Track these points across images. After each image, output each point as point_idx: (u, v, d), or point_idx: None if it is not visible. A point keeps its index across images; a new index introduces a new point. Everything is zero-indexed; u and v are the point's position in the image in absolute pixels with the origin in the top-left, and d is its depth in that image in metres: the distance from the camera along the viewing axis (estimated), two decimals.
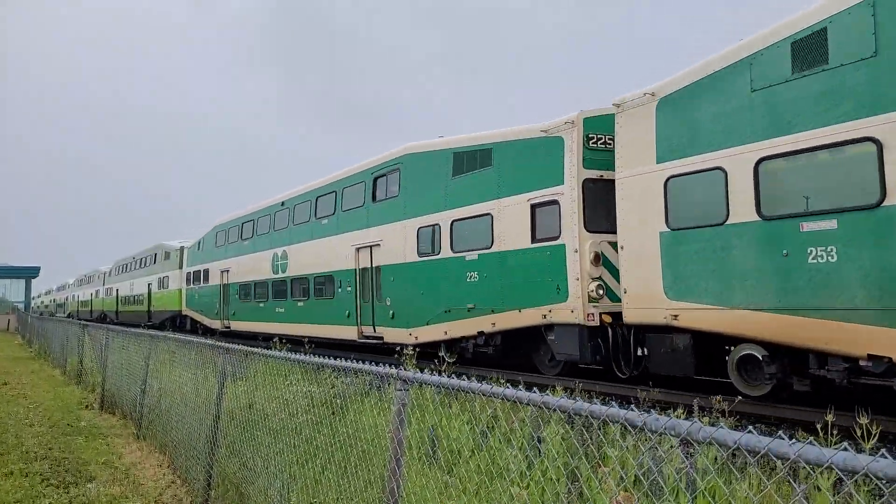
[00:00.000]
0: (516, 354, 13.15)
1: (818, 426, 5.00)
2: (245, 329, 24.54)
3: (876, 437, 4.35)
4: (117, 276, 48.52)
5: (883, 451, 1.75)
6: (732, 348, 9.01)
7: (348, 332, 17.60)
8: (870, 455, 1.70)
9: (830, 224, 7.51)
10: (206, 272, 29.45)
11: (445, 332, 13.60)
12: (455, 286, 13.21)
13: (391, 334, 15.50)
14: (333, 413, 5.75)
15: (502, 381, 6.85)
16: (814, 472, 1.87)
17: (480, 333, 12.80)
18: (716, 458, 4.68)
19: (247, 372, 6.79)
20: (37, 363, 21.37)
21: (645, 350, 10.13)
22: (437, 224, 14.01)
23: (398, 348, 12.10)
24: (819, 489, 3.87)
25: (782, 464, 1.91)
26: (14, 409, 11.54)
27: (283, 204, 22.24)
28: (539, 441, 5.37)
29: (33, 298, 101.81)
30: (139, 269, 41.48)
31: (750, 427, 2.09)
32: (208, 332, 28.34)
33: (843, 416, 7.67)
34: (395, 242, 15.49)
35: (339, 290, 17.98)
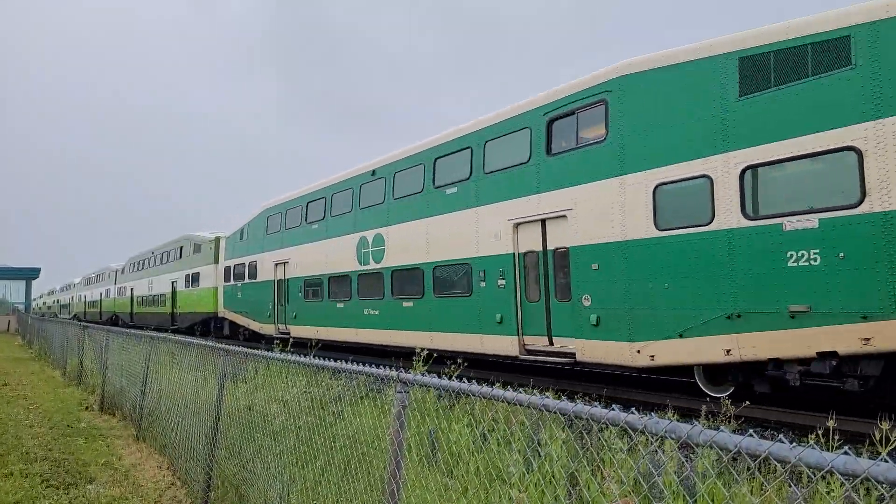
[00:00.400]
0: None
1: (819, 430, 5.00)
2: (313, 335, 18.86)
3: (894, 444, 4.32)
4: (132, 273, 43.62)
5: (883, 454, 1.75)
6: None
7: (500, 345, 12.22)
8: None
9: None
10: (254, 266, 24.05)
11: (728, 351, 8.70)
12: (755, 275, 8.42)
13: (592, 349, 10.45)
14: (334, 415, 5.74)
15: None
16: (814, 475, 1.86)
17: (826, 355, 7.95)
18: (716, 461, 4.68)
19: (247, 373, 6.80)
20: (37, 364, 21.37)
21: None
22: (704, 176, 9.00)
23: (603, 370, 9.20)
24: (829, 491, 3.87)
25: (783, 467, 1.91)
26: (14, 410, 11.54)
27: (373, 173, 16.94)
28: (539, 444, 5.37)
29: (35, 299, 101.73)
30: (160, 265, 36.58)
31: (750, 430, 2.09)
32: (256, 337, 24.34)
33: (856, 421, 7.69)
34: (601, 211, 10.41)
35: (483, 284, 12.68)
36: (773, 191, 8.43)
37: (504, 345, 12.18)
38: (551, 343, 11.23)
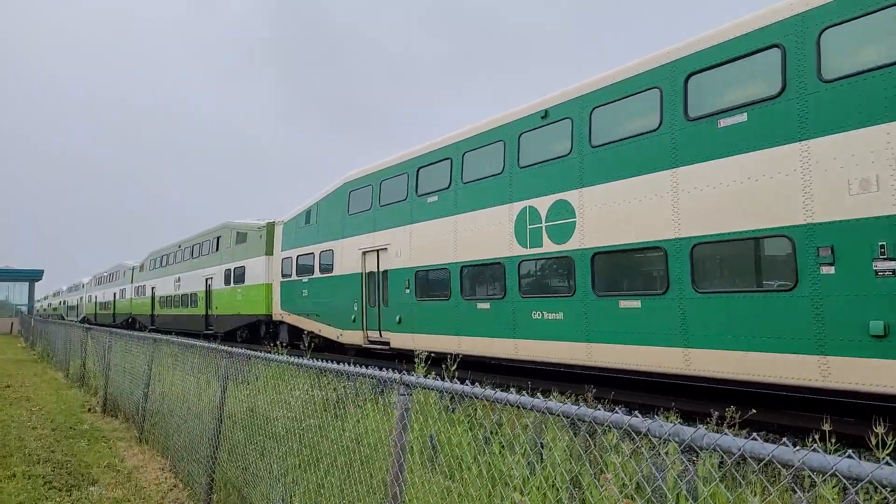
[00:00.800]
0: None
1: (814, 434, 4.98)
2: (432, 347, 13.55)
3: (891, 448, 4.32)
4: (153, 270, 38.70)
5: (887, 457, 1.75)
6: None
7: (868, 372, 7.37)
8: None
9: None
10: (329, 256, 18.96)
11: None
12: None
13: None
14: (336, 417, 5.74)
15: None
16: (817, 479, 1.86)
17: None
18: (719, 464, 4.67)
19: (249, 376, 6.81)
20: (39, 366, 21.40)
21: None
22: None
23: None
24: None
25: (786, 471, 1.91)
26: (17, 411, 11.56)
27: (545, 115, 11.72)
28: (542, 447, 5.37)
29: (38, 300, 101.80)
30: (190, 259, 31.70)
31: (754, 434, 2.09)
32: (331, 347, 19.51)
33: (855, 424, 7.69)
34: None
35: (821, 274, 7.66)
36: None
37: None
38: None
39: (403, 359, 14.33)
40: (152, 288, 38.45)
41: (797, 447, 1.88)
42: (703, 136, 9.07)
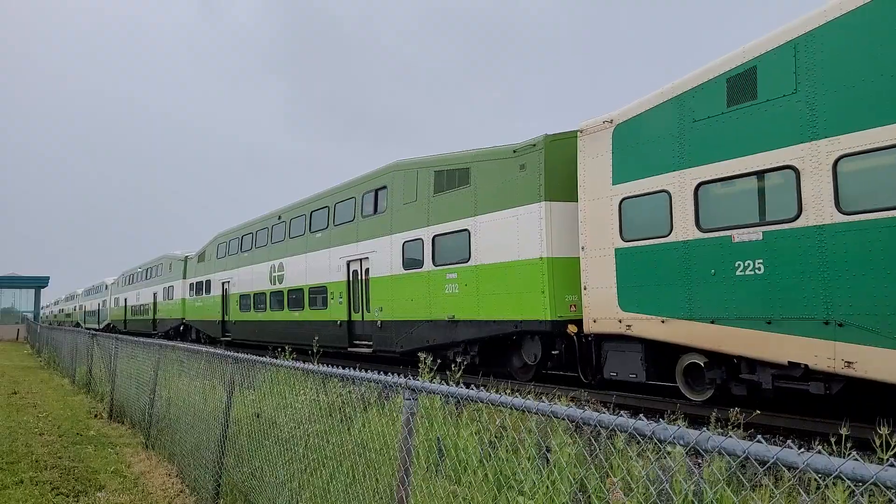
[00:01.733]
0: None
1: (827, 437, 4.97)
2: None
3: (894, 449, 4.30)
4: (214, 262, 30.18)
5: (891, 459, 1.76)
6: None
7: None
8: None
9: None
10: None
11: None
12: None
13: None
14: (342, 422, 5.76)
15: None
16: (822, 482, 1.87)
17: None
18: (727, 467, 4.66)
19: (254, 381, 6.83)
20: (46, 372, 21.47)
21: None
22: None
23: None
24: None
25: (791, 473, 1.92)
26: (24, 417, 11.60)
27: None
28: (548, 451, 5.37)
29: (49, 306, 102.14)
30: (287, 239, 22.53)
31: (759, 436, 2.10)
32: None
33: (859, 426, 7.66)
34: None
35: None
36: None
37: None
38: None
39: (409, 364, 15.09)
40: (223, 283, 28.85)
41: (801, 450, 1.88)
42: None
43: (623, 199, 10.81)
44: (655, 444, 2.39)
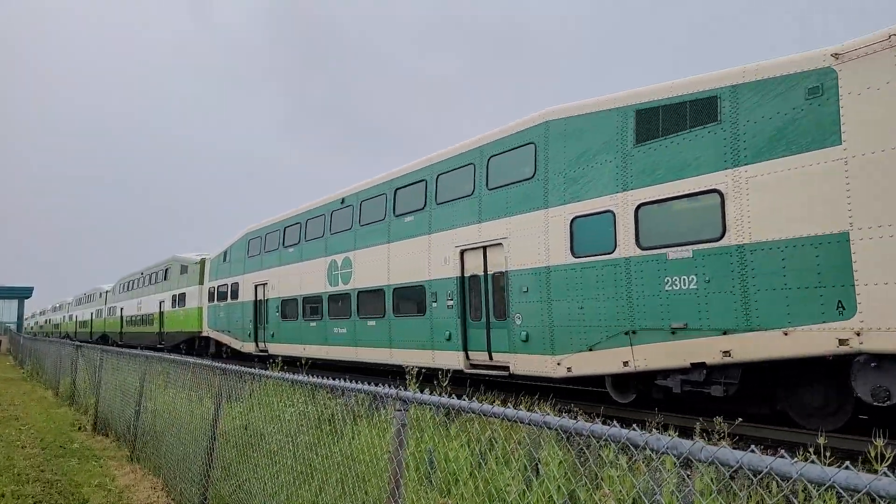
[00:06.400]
0: None
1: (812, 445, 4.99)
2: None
3: (889, 461, 4.32)
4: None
5: (884, 469, 1.77)
6: None
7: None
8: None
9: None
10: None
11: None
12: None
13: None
14: (331, 433, 5.72)
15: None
16: (815, 491, 1.88)
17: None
18: (714, 478, 4.67)
19: (242, 393, 6.77)
20: (29, 384, 21.17)
21: None
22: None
23: None
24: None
25: (785, 483, 1.92)
26: (6, 430, 11.42)
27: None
28: (538, 462, 5.35)
29: (34, 316, 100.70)
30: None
31: (752, 446, 2.10)
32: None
33: (851, 440, 7.72)
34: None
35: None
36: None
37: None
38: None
39: (396, 375, 15.03)
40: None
41: (794, 460, 1.89)
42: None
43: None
44: (647, 454, 2.39)
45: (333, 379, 4.71)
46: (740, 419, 7.31)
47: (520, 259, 11.97)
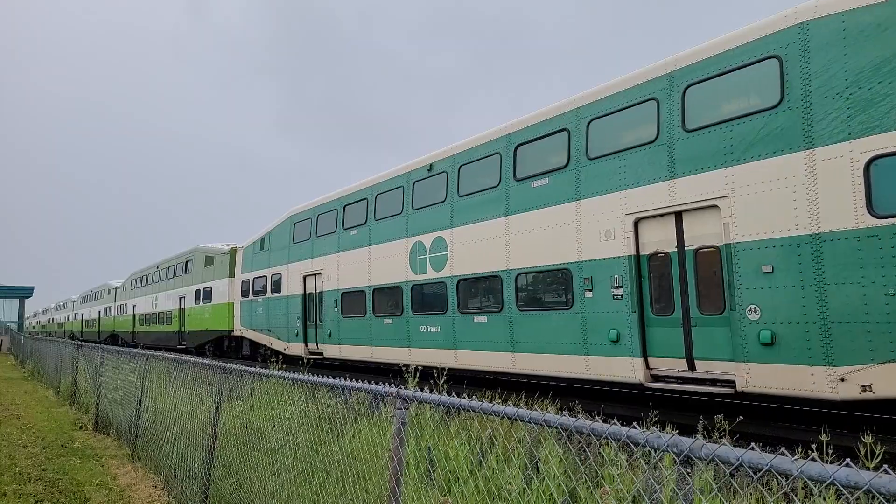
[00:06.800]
0: None
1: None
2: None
3: (879, 457, 4.33)
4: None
5: (885, 466, 1.77)
6: None
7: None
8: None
9: None
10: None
11: None
12: None
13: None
14: (331, 432, 5.72)
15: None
16: (815, 488, 1.87)
17: None
18: (712, 476, 4.67)
19: (242, 391, 6.78)
20: (30, 384, 21.19)
21: None
22: None
23: None
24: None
25: (785, 480, 1.92)
26: (7, 430, 11.43)
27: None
28: (538, 460, 5.35)
29: (35, 315, 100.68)
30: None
31: (752, 444, 2.10)
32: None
33: (850, 436, 7.72)
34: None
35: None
36: None
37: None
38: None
39: (394, 374, 14.67)
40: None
41: (795, 457, 1.89)
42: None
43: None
44: (647, 452, 2.39)
45: (333, 378, 4.70)
46: (741, 417, 7.29)
47: (756, 226, 8.32)
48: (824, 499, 4.13)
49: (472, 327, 12.92)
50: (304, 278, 19.60)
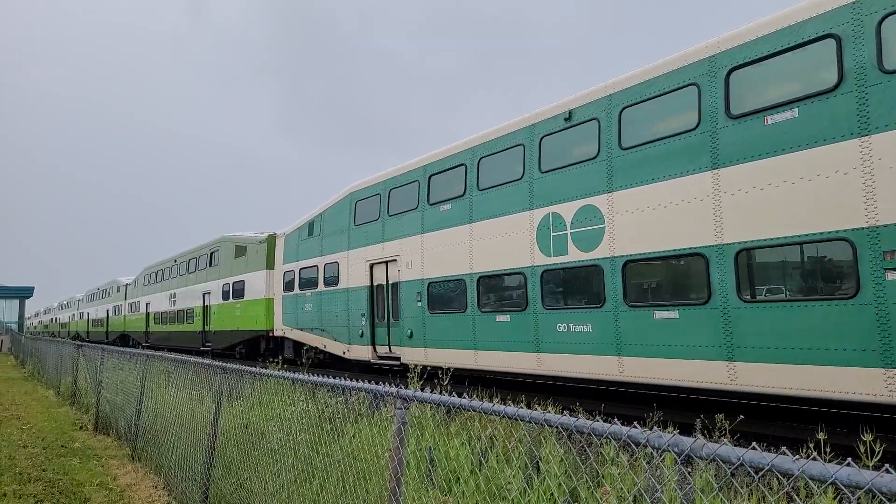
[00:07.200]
0: None
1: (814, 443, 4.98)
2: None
3: (879, 456, 4.33)
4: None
5: (886, 466, 1.76)
6: None
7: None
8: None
9: None
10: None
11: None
12: None
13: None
14: (332, 431, 5.72)
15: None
16: (816, 487, 1.87)
17: None
18: (714, 476, 4.67)
19: (242, 391, 6.78)
20: (30, 384, 21.19)
21: None
22: None
23: None
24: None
25: (787, 480, 1.92)
26: (7, 430, 11.43)
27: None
28: (539, 460, 5.35)
29: (36, 315, 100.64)
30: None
31: (753, 443, 2.09)
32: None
33: (845, 435, 7.72)
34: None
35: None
36: None
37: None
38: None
39: (396, 374, 14.11)
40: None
41: (796, 457, 1.88)
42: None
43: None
44: (648, 451, 2.39)
45: (333, 377, 4.70)
46: (741, 416, 7.26)
47: None
48: (827, 497, 4.12)
49: (650, 326, 9.52)
50: (371, 267, 16.15)
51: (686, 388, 9.13)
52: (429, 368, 11.34)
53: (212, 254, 27.62)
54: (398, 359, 14.86)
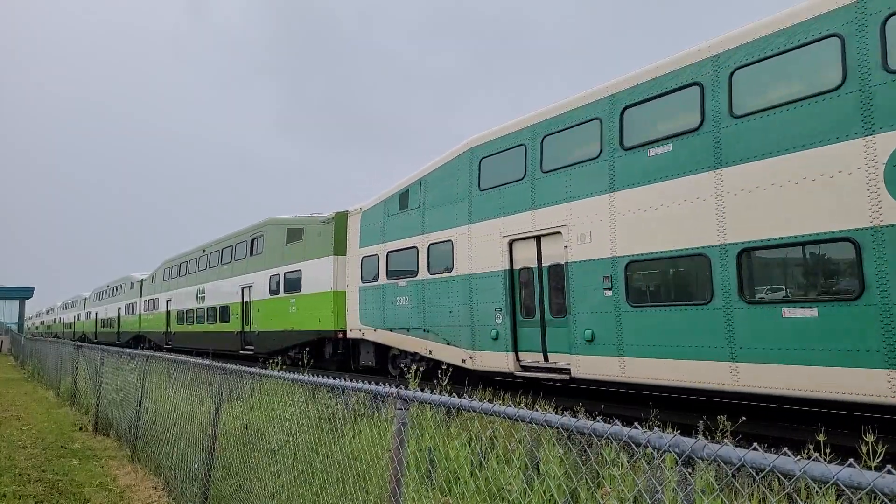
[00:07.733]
0: None
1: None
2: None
3: (881, 456, 4.32)
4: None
5: (888, 466, 1.75)
6: None
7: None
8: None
9: None
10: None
11: None
12: None
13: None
14: (332, 432, 5.71)
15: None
16: (818, 488, 1.87)
17: None
18: (714, 477, 4.66)
19: (242, 392, 6.77)
20: (30, 385, 21.19)
21: None
22: None
23: None
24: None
25: (788, 481, 1.91)
26: (7, 431, 11.42)
27: None
28: (539, 461, 5.34)
29: (38, 315, 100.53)
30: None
31: (755, 444, 2.09)
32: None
33: (846, 436, 7.71)
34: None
35: None
36: None
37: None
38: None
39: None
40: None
41: (797, 457, 1.88)
42: None
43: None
44: (649, 452, 2.38)
45: (333, 378, 4.70)
46: (743, 417, 7.25)
47: None
48: (830, 497, 4.12)
49: None
50: (511, 244, 12.19)
51: None
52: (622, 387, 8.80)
53: (253, 240, 23.01)
54: (566, 371, 10.94)
